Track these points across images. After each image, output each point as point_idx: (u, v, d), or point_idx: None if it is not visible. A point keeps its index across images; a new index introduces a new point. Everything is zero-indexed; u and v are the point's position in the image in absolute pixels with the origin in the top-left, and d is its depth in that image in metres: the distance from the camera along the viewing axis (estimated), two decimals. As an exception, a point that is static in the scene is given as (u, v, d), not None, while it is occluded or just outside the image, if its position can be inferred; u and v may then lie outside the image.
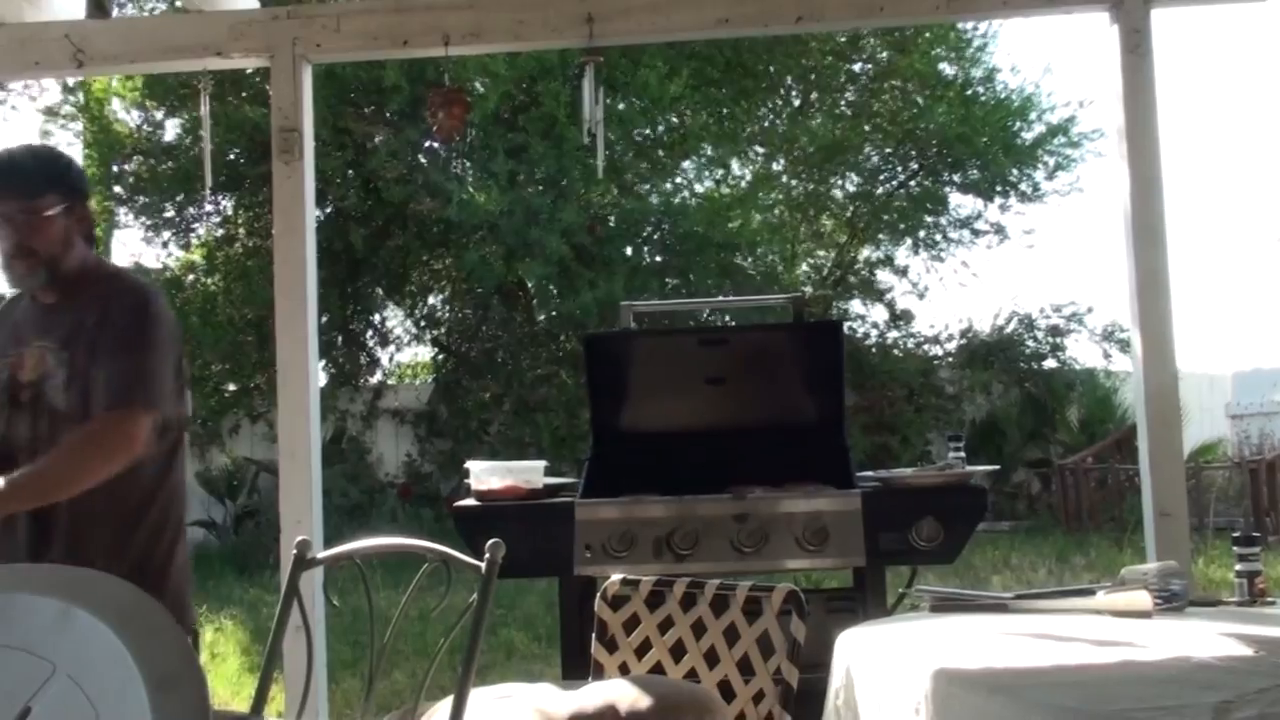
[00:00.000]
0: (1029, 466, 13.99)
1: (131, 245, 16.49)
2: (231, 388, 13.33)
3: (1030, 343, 14.91)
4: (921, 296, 15.59)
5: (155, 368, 2.71)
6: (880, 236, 15.95)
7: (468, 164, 13.21)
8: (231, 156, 12.63)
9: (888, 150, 15.46)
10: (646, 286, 12.05)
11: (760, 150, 15.68)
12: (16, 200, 2.69)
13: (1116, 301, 14.72)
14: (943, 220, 15.67)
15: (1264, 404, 15.86)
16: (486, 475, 3.85)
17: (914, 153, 15.45)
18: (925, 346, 15.15)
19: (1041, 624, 2.52)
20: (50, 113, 14.00)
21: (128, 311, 2.73)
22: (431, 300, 14.46)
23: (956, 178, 15.42)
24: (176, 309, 12.84)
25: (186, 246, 13.89)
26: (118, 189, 13.97)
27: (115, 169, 13.84)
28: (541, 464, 3.98)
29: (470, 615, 2.18)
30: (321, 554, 2.57)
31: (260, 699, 2.46)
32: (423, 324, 14.52)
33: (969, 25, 14.63)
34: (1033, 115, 15.15)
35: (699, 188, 14.90)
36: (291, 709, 4.05)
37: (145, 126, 13.78)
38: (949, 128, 14.47)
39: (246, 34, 4.29)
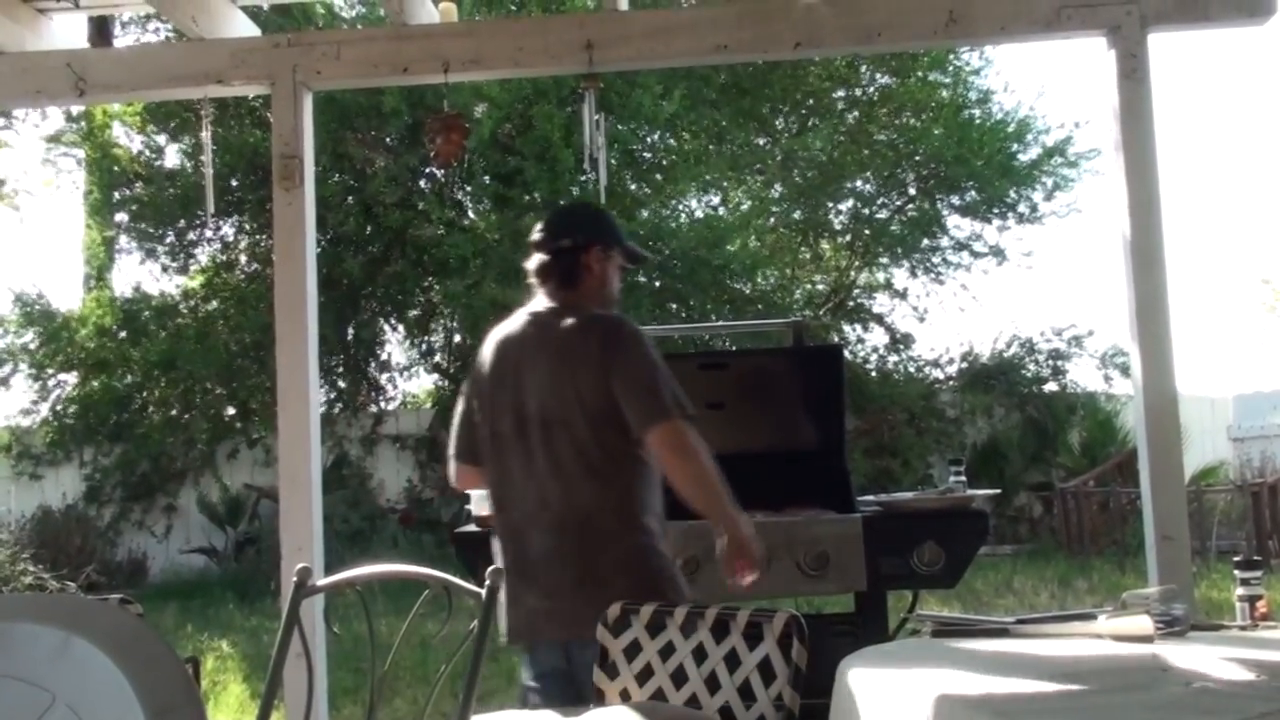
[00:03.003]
0: (1030, 490, 13.95)
1: (132, 271, 16.43)
2: (230, 412, 13.33)
3: (1031, 366, 14.90)
4: (921, 320, 15.61)
5: None
6: (880, 260, 15.95)
7: (467, 188, 13.23)
8: (234, 183, 12.66)
9: (885, 174, 15.47)
10: (642, 308, 12.02)
11: (759, 175, 15.70)
12: None
13: (1117, 324, 14.73)
14: (941, 243, 15.68)
15: (1265, 427, 15.82)
16: (487, 501, 3.83)
17: (911, 176, 15.48)
18: (926, 370, 15.14)
19: (1043, 648, 2.52)
20: (53, 140, 14.04)
21: None
22: (432, 325, 14.44)
23: (954, 200, 15.43)
24: (175, 334, 12.93)
25: (185, 271, 13.90)
26: (121, 216, 14.01)
27: (117, 195, 13.88)
28: (542, 490, 3.95)
29: (471, 642, 2.17)
30: (322, 581, 2.56)
31: (261, 727, 2.45)
32: (424, 349, 14.49)
33: (965, 49, 14.69)
34: (1029, 136, 15.17)
35: (697, 211, 14.91)
36: (292, 737, 4.03)
37: (146, 153, 13.82)
38: (946, 150, 14.49)
39: (247, 62, 4.32)
